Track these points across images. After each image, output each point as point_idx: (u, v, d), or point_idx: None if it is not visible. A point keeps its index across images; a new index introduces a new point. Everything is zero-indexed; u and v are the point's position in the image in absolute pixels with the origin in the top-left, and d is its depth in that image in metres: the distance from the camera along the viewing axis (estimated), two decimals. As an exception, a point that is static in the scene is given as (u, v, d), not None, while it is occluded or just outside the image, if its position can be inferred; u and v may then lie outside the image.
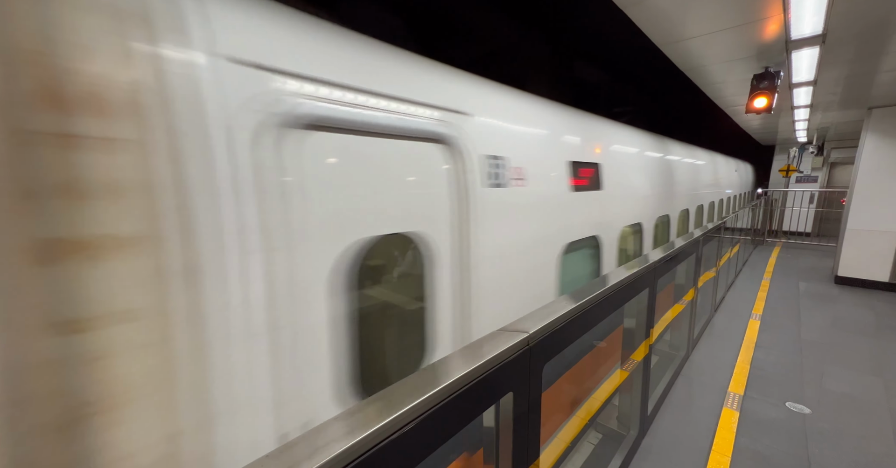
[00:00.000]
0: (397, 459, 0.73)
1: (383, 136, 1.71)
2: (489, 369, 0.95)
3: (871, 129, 5.81)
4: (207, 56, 1.19)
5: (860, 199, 5.98)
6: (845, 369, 3.50)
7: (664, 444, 2.50)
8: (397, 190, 1.79)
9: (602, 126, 3.99)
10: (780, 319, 4.76)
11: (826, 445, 2.50)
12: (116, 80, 1.01)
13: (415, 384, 0.83)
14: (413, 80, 1.93)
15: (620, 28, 3.68)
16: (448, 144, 2.02)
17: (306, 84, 1.44)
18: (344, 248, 1.57)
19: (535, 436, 1.23)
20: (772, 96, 3.95)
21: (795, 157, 11.22)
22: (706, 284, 4.27)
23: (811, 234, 11.25)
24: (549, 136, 2.98)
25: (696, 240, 3.29)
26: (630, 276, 1.85)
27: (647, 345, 2.41)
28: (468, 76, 2.38)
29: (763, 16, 2.87)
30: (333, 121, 1.52)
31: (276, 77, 1.36)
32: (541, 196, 2.79)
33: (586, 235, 3.39)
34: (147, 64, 1.07)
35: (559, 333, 1.27)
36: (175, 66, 1.12)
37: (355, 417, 0.71)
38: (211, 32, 1.21)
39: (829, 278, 6.60)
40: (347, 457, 0.63)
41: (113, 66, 1.01)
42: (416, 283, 1.96)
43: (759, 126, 8.84)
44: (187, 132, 1.14)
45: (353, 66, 1.64)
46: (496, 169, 2.34)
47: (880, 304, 5.30)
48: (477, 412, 0.98)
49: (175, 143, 1.11)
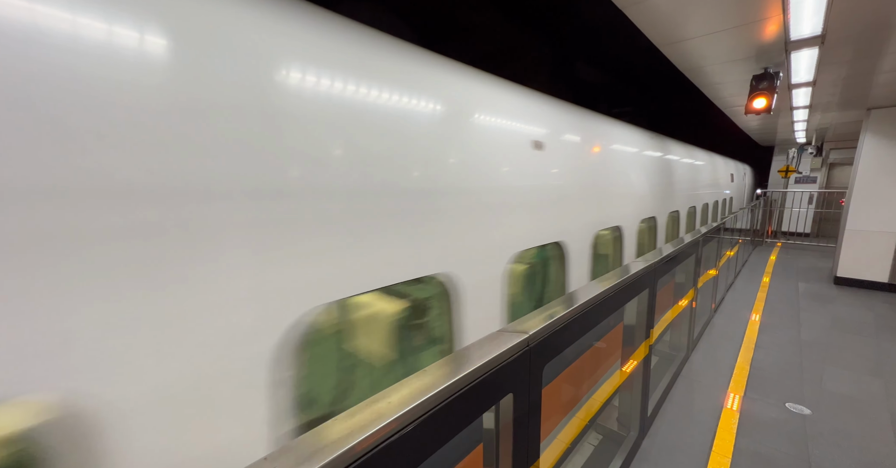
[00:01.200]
0: (397, 462, 0.72)
1: None
2: (489, 370, 0.95)
3: (870, 130, 5.82)
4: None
5: (859, 200, 5.99)
6: (845, 370, 3.49)
7: (664, 445, 2.50)
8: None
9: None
10: (779, 320, 4.76)
11: (826, 446, 2.50)
12: None
13: (414, 386, 0.82)
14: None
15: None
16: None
17: None
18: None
19: (535, 437, 1.23)
20: (771, 97, 3.95)
21: (794, 157, 11.24)
22: (706, 285, 4.27)
23: (810, 234, 11.27)
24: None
25: (696, 241, 3.29)
26: (630, 277, 1.85)
27: (646, 346, 2.41)
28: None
29: (762, 16, 2.87)
30: None
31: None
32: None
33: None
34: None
35: (559, 334, 1.26)
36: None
37: (354, 419, 0.71)
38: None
39: (829, 279, 6.61)
40: (346, 460, 0.63)
41: None
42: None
43: (758, 127, 8.85)
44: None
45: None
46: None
47: (879, 305, 5.30)
48: (477, 413, 0.98)
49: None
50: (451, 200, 2.14)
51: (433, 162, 2.03)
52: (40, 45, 0.95)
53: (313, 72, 1.51)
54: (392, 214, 1.80)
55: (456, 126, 2.19)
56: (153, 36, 1.12)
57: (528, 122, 2.84)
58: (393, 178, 1.81)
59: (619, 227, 4.16)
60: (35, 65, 0.94)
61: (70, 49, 0.99)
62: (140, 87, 1.09)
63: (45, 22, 0.96)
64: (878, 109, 5.76)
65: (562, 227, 3.16)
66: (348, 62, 1.64)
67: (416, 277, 1.94)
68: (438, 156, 2.07)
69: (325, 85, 1.54)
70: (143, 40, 1.10)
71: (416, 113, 1.94)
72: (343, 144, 1.60)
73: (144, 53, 1.10)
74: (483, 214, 2.35)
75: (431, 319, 2.21)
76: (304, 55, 1.50)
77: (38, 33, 0.94)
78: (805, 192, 11.29)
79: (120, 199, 1.04)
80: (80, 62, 1.00)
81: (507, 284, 2.52)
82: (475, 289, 2.25)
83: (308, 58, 1.50)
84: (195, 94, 1.19)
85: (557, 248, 3.17)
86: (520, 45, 9.31)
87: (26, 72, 0.93)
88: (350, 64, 1.65)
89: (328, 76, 1.56)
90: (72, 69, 0.98)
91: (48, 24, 0.96)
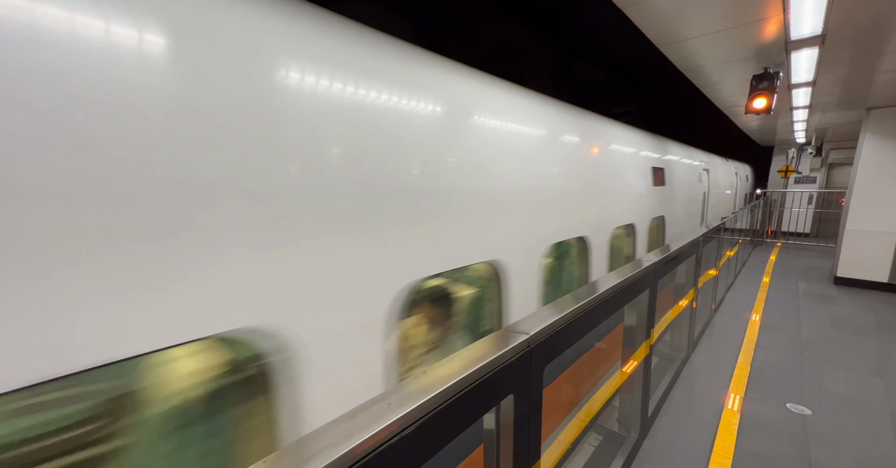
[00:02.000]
0: (397, 464, 0.72)
1: None
2: (490, 371, 0.94)
3: (870, 130, 5.82)
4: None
5: (859, 200, 5.99)
6: (845, 370, 3.49)
7: (665, 446, 2.49)
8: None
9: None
10: (779, 320, 4.75)
11: (827, 447, 2.49)
12: None
13: (414, 387, 0.82)
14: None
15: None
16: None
17: None
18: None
19: (535, 438, 1.22)
20: (771, 97, 3.95)
21: (794, 157, 11.24)
22: (706, 285, 4.26)
23: (810, 234, 11.27)
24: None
25: (696, 241, 3.28)
26: (630, 277, 1.85)
27: (647, 346, 2.40)
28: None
29: (762, 16, 2.86)
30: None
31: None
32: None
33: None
34: None
35: (560, 335, 1.26)
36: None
37: (354, 421, 0.70)
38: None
39: (829, 279, 6.61)
40: (346, 462, 0.62)
41: None
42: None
43: (757, 127, 8.86)
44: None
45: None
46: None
47: (879, 305, 5.30)
48: (477, 415, 0.97)
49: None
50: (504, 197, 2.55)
51: (488, 169, 2.41)
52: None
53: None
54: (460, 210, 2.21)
55: (516, 136, 2.66)
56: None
57: (563, 130, 3.25)
58: (458, 182, 2.19)
59: (633, 224, 4.44)
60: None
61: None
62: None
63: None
64: (878, 109, 5.76)
65: (590, 221, 3.60)
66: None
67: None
68: (496, 165, 2.47)
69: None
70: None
71: (483, 127, 2.38)
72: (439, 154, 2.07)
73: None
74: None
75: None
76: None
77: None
78: (805, 192, 11.29)
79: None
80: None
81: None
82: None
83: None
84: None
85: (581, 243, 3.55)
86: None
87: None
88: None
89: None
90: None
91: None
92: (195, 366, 1.32)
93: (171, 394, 1.27)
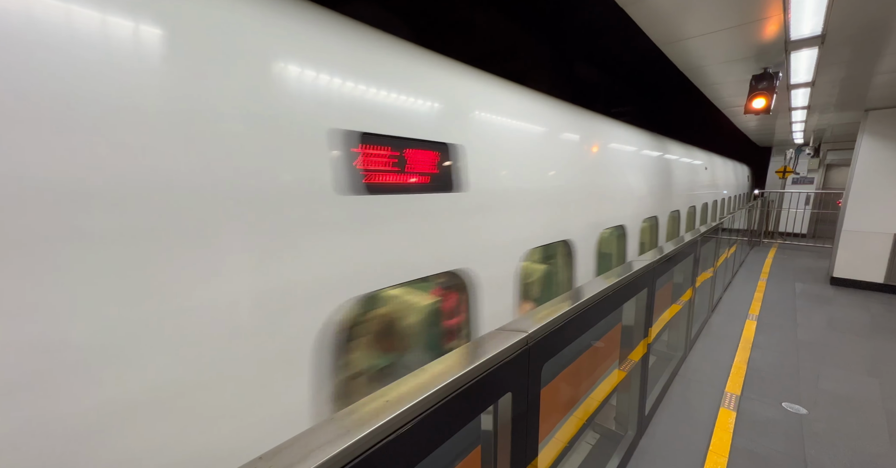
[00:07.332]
0: (395, 461, 0.71)
1: None
2: (488, 369, 0.94)
3: (868, 131, 5.84)
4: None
5: (856, 201, 6.01)
6: (841, 370, 3.51)
7: (662, 445, 2.50)
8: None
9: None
10: (776, 320, 4.77)
11: (822, 446, 2.51)
12: None
13: (412, 384, 0.81)
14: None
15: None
16: None
17: None
18: None
19: (533, 436, 1.22)
20: (770, 97, 3.95)
21: (792, 158, 11.28)
22: (703, 284, 4.28)
23: (807, 235, 11.32)
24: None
25: (695, 241, 3.29)
26: (629, 276, 1.85)
27: (645, 345, 2.41)
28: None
29: (763, 16, 2.86)
30: None
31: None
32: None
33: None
34: None
35: (558, 333, 1.25)
36: None
37: (351, 418, 0.70)
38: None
39: (825, 279, 6.64)
40: (343, 459, 0.62)
41: None
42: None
43: (756, 127, 8.87)
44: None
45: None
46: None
47: (875, 305, 5.33)
48: (475, 412, 0.97)
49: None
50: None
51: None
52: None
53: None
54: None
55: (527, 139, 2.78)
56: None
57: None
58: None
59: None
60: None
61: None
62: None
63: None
64: (876, 110, 5.78)
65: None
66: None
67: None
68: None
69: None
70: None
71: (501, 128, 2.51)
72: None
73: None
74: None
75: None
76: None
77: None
78: (802, 192, 11.33)
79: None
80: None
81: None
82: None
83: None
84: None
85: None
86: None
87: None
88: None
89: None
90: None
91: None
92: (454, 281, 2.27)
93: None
